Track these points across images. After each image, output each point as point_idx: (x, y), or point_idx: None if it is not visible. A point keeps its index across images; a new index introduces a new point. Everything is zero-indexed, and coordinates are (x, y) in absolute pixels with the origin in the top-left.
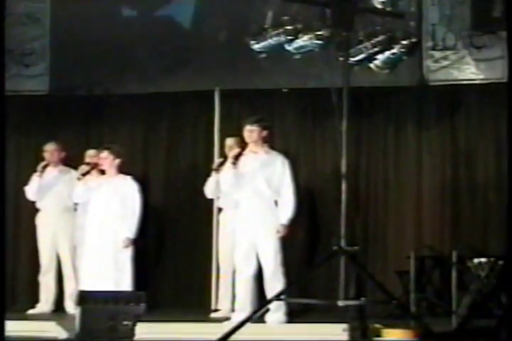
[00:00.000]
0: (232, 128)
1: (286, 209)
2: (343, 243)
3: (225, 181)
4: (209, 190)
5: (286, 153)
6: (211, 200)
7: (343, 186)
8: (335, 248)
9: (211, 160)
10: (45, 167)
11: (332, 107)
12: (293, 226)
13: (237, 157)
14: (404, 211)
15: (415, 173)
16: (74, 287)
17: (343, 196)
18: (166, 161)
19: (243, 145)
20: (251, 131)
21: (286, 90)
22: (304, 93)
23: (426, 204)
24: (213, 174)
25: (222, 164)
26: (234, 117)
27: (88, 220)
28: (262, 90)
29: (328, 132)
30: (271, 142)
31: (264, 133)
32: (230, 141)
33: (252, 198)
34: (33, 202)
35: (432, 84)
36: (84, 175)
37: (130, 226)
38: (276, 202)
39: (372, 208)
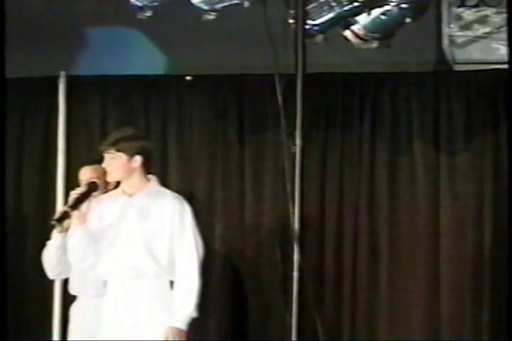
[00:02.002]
0: (92, 145)
1: (185, 298)
2: None
3: (74, 247)
4: (50, 263)
5: (188, 194)
6: (53, 282)
7: (296, 255)
8: None
9: (52, 204)
10: None
11: (276, 108)
12: (200, 328)
13: (79, 201)
14: (408, 300)
15: (428, 230)
16: None
17: (295, 273)
18: None
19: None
20: (109, 162)
21: (190, 78)
22: (223, 83)
23: (446, 288)
24: (56, 233)
25: (67, 216)
26: (93, 124)
27: None
28: (145, 77)
29: (268, 153)
30: (158, 174)
31: (138, 160)
32: (87, 172)
33: (124, 279)
34: None
35: (460, 68)
36: None
37: None
38: (172, 284)
39: (349, 295)
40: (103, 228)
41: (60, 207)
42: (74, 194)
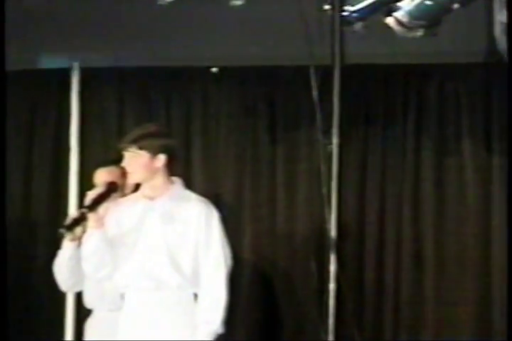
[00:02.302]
0: (109, 144)
1: (211, 312)
2: None
3: (89, 254)
4: (61, 274)
5: (214, 198)
6: (65, 294)
7: (332, 265)
8: None
9: (64, 209)
10: None
11: (310, 104)
12: None
13: (97, 202)
14: (457, 315)
15: (478, 237)
16: None
17: (332, 285)
18: None
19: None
20: (129, 161)
21: (215, 70)
22: (252, 76)
23: (499, 301)
24: (67, 242)
25: (83, 219)
26: (109, 121)
27: None
28: (165, 69)
29: (302, 153)
30: (182, 175)
31: (161, 159)
32: (102, 175)
33: (144, 291)
34: None
35: None
36: None
37: None
38: (196, 297)
39: (391, 309)
40: (121, 234)
41: (71, 213)
42: (91, 194)
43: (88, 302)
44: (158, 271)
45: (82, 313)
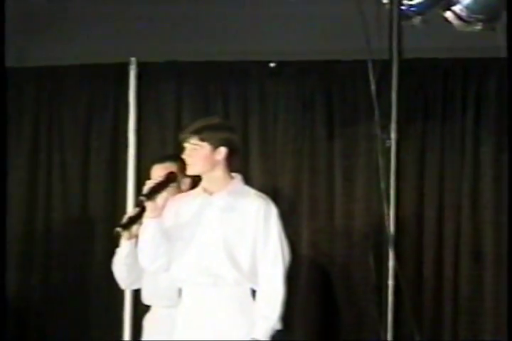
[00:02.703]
0: (166, 140)
1: (268, 308)
2: None
3: (145, 244)
4: (120, 273)
5: (271, 194)
6: (123, 291)
7: (391, 261)
8: None
9: (122, 205)
10: None
11: (368, 98)
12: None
13: (155, 191)
14: None
15: None
16: None
17: (391, 282)
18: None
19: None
20: (190, 153)
21: (273, 65)
22: (310, 70)
23: None
24: (124, 240)
25: (139, 216)
26: (167, 116)
27: None
28: (223, 64)
29: (360, 148)
30: (241, 170)
31: (222, 152)
32: (158, 171)
33: (201, 286)
34: None
35: None
36: None
37: None
38: (254, 293)
39: (450, 306)
40: (179, 227)
41: (128, 211)
42: (150, 183)
43: (146, 298)
44: (216, 266)
45: (141, 309)
